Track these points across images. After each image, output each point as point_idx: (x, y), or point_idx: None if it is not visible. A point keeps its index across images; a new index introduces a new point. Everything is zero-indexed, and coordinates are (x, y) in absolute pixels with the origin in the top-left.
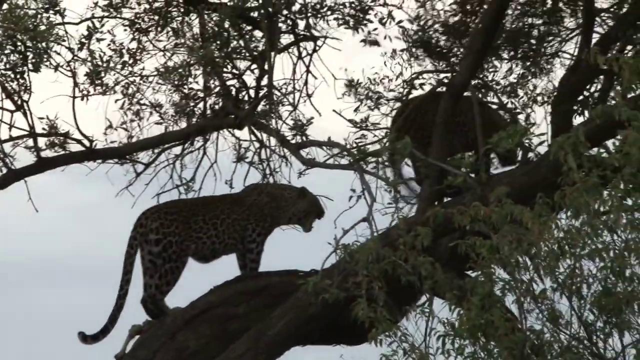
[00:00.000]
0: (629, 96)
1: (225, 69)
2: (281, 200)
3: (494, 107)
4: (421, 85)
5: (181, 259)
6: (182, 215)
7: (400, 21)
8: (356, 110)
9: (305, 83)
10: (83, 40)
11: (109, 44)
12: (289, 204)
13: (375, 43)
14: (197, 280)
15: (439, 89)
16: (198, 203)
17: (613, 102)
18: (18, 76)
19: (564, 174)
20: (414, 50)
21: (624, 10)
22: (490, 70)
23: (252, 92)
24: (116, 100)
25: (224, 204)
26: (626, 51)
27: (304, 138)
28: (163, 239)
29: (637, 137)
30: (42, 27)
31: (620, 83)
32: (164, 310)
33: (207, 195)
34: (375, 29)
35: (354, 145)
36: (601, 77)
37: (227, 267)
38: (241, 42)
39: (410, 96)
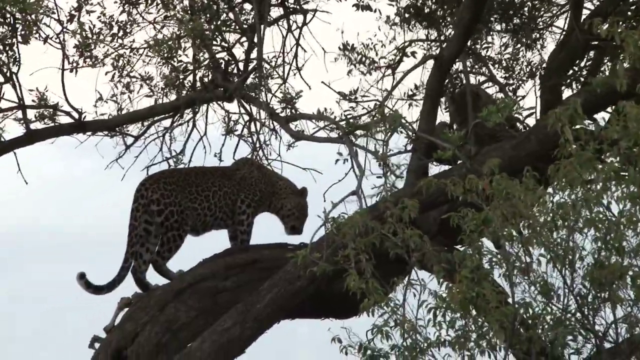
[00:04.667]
0: (625, 66)
1: (214, 42)
2: (275, 186)
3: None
4: (413, 53)
5: (183, 227)
6: (179, 185)
7: None
8: (349, 73)
9: (295, 56)
10: (73, 12)
11: (98, 16)
12: (281, 194)
13: (367, 8)
14: (186, 253)
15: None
16: (191, 173)
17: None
18: (7, 48)
19: (560, 146)
20: (406, 15)
21: None
22: (484, 46)
23: (241, 65)
24: (106, 73)
25: (215, 177)
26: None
27: (294, 111)
28: (165, 209)
29: (639, 112)
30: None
31: (613, 56)
32: (169, 275)
33: (199, 166)
34: None
35: (344, 117)
36: (591, 52)
37: (215, 240)
38: (231, 14)
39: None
